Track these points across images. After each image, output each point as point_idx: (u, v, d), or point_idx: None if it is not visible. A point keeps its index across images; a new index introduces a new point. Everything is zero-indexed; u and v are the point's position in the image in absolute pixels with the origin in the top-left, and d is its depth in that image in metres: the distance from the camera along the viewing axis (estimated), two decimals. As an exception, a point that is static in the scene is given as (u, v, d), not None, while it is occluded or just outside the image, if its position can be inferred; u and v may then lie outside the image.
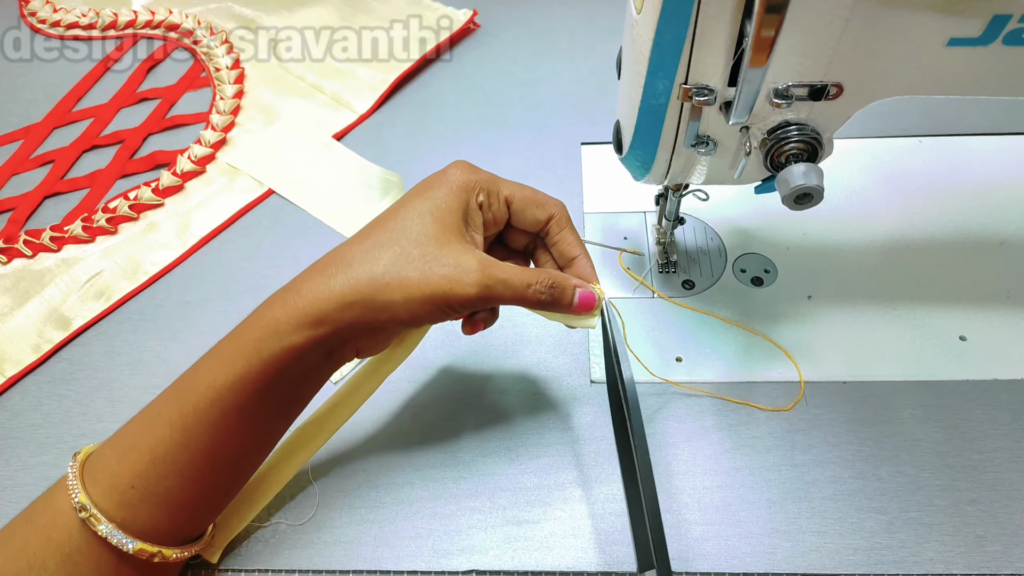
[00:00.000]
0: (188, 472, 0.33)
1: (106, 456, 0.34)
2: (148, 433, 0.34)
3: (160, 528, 0.34)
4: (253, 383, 0.33)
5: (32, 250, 0.56)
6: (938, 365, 0.45)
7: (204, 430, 0.33)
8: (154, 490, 0.33)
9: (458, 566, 0.39)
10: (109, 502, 0.33)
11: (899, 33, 0.32)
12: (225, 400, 0.33)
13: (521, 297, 0.34)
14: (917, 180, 0.56)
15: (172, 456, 0.33)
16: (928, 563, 0.38)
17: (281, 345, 0.32)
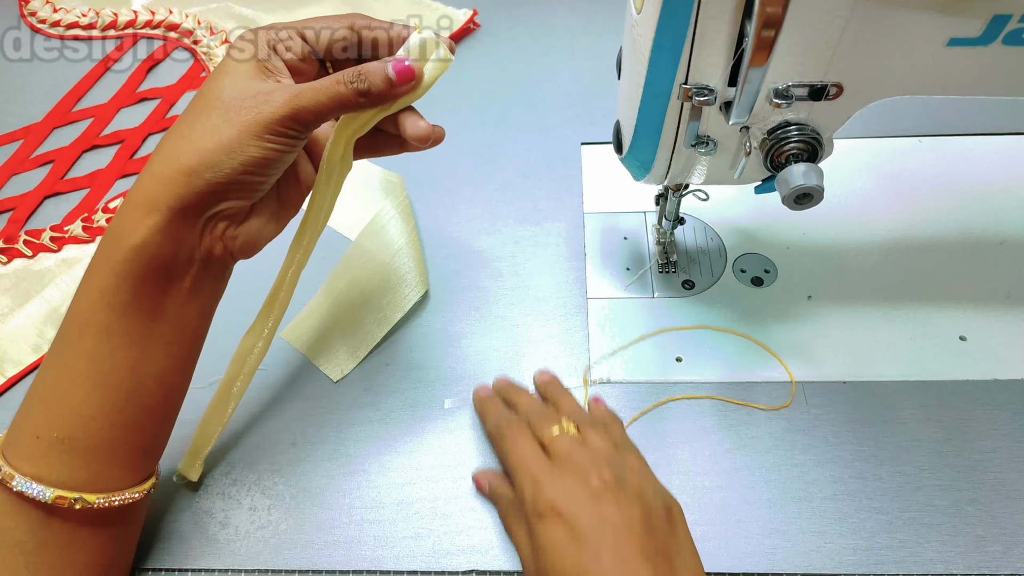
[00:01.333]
0: (84, 410, 0.33)
1: (15, 421, 0.34)
2: (40, 380, 0.34)
3: (78, 475, 0.33)
4: (117, 297, 0.32)
5: (32, 250, 0.56)
6: (938, 365, 0.45)
7: (83, 360, 0.33)
8: (57, 436, 0.33)
9: (458, 566, 0.39)
10: (20, 458, 0.33)
11: (899, 33, 0.32)
12: (95, 323, 0.32)
13: (336, 96, 0.32)
14: (917, 180, 0.56)
15: (64, 396, 0.33)
16: (928, 563, 0.38)
17: (130, 260, 0.32)
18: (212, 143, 0.31)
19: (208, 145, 0.31)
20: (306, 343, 0.49)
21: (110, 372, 0.33)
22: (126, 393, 0.34)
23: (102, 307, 0.32)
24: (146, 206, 0.32)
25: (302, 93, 0.32)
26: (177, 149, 0.32)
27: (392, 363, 0.48)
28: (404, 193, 0.56)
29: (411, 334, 0.49)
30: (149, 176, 0.32)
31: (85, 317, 0.33)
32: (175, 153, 0.32)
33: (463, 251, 0.54)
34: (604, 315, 0.49)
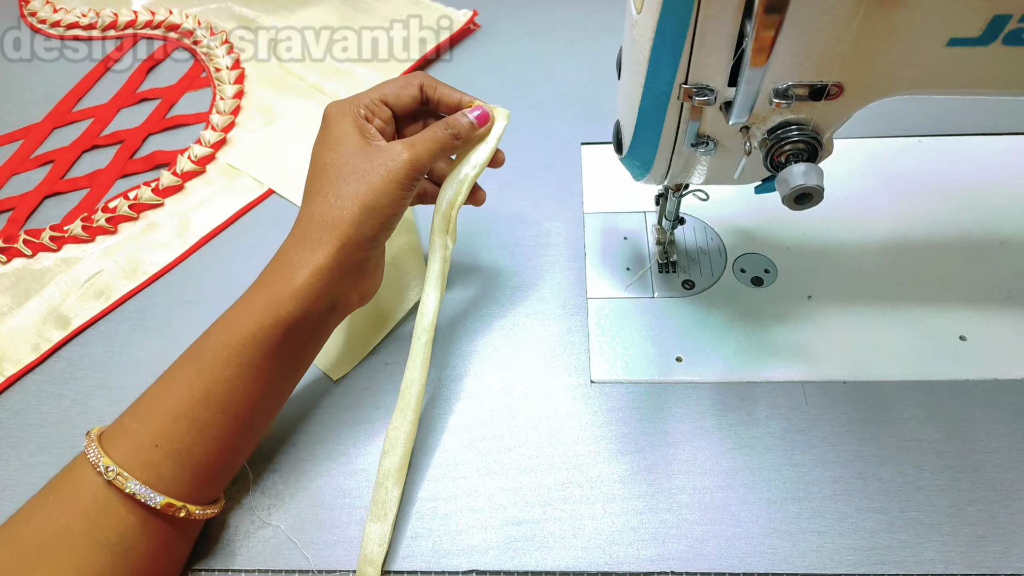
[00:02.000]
0: (208, 429, 0.36)
1: (124, 423, 0.36)
2: (169, 395, 0.36)
3: (182, 487, 0.35)
4: (267, 339, 0.36)
5: (32, 250, 0.56)
6: (938, 365, 0.45)
7: (222, 386, 0.36)
8: (177, 447, 0.35)
9: (458, 566, 0.39)
10: (133, 463, 0.34)
11: (899, 33, 0.32)
12: (242, 356, 0.36)
13: (442, 145, 0.40)
14: (917, 180, 0.56)
15: (193, 413, 0.35)
16: (928, 563, 0.38)
17: (288, 305, 0.36)
18: (358, 205, 0.37)
19: (355, 209, 0.37)
20: (306, 343, 0.49)
21: (240, 402, 0.36)
22: (244, 422, 0.37)
23: (254, 345, 0.36)
24: (308, 263, 0.37)
25: (416, 147, 0.39)
26: (330, 215, 0.37)
27: (392, 363, 0.48)
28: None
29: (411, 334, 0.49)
30: (306, 237, 0.37)
31: (235, 349, 0.36)
32: (329, 218, 0.37)
33: (463, 251, 0.54)
34: (604, 315, 0.49)
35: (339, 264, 0.37)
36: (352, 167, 0.38)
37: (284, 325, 0.36)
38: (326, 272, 0.37)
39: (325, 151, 0.39)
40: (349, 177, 0.38)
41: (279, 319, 0.36)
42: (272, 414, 0.40)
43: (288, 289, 0.36)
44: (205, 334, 0.38)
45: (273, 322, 0.36)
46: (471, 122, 0.41)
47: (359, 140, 0.39)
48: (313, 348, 0.40)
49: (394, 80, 0.42)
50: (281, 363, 0.38)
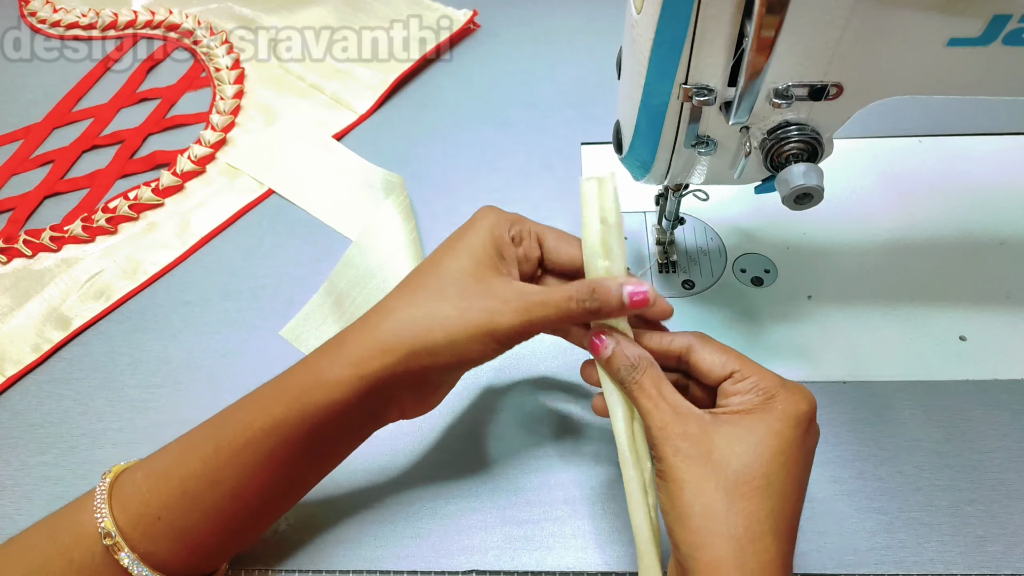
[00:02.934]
0: (214, 512, 0.33)
1: (137, 482, 0.34)
2: (181, 465, 0.33)
3: (178, 562, 0.34)
4: (291, 431, 0.32)
5: (32, 250, 0.56)
6: (938, 365, 0.45)
7: (235, 471, 0.33)
8: (180, 525, 0.33)
9: (458, 566, 0.39)
10: (135, 531, 0.32)
11: (899, 33, 0.32)
12: (260, 443, 0.33)
13: (566, 312, 0.32)
14: (917, 180, 0.56)
15: (202, 493, 0.33)
16: (928, 563, 0.38)
17: (323, 395, 0.32)
18: (442, 334, 0.32)
19: (438, 336, 0.32)
20: (306, 342, 0.49)
21: (252, 491, 0.33)
22: (254, 510, 0.35)
23: (275, 435, 0.33)
24: (358, 363, 0.32)
25: (533, 310, 0.32)
26: (408, 324, 0.32)
27: (392, 363, 0.48)
28: (405, 193, 0.56)
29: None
30: (370, 335, 0.33)
31: (254, 435, 0.33)
32: (404, 327, 0.32)
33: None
34: (604, 315, 0.49)
35: (392, 378, 0.32)
36: (461, 288, 0.32)
37: (311, 420, 0.32)
38: (373, 380, 0.32)
39: (448, 253, 0.34)
40: (452, 297, 0.32)
41: (307, 413, 0.32)
42: (288, 505, 0.37)
43: (326, 381, 0.32)
44: (235, 404, 0.34)
45: (300, 414, 0.32)
46: (621, 301, 0.31)
47: (489, 262, 0.33)
48: (346, 446, 0.36)
49: (561, 232, 0.36)
50: (303, 457, 0.34)
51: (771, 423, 0.30)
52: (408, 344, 0.32)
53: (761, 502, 0.29)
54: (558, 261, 0.36)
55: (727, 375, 0.33)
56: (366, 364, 0.32)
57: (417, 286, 0.34)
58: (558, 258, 0.36)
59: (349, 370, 0.32)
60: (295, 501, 0.37)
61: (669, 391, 0.32)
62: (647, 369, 0.32)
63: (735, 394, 0.32)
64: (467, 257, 0.33)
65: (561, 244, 0.36)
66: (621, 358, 0.33)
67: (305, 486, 0.37)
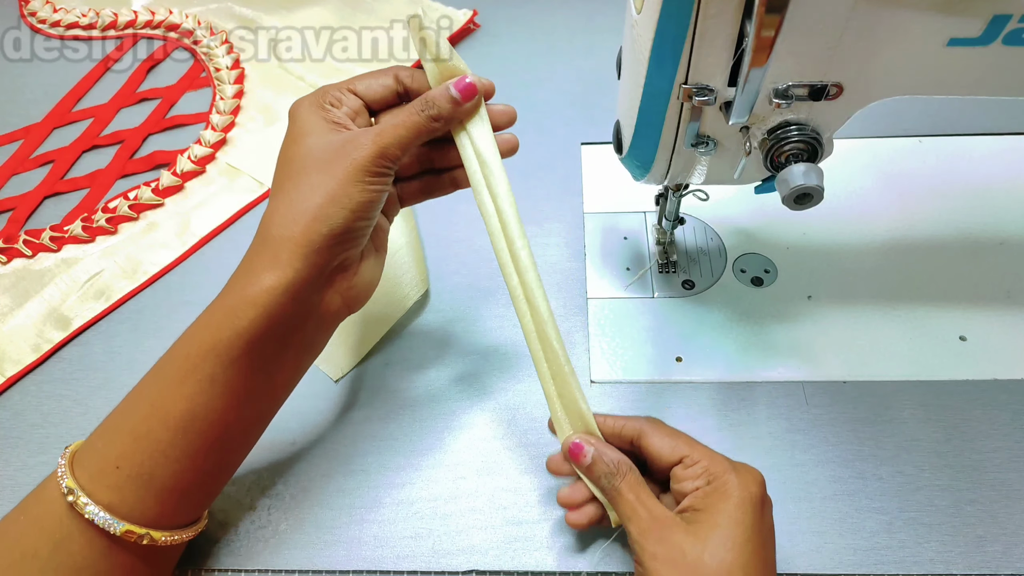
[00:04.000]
0: (169, 451, 0.33)
1: (92, 441, 0.34)
2: (132, 412, 0.34)
3: (148, 512, 0.33)
4: (227, 350, 0.33)
5: (32, 250, 0.56)
6: (938, 365, 0.45)
7: (181, 403, 0.33)
8: (139, 471, 0.33)
9: (458, 566, 0.39)
10: (97, 485, 0.33)
11: (899, 33, 0.32)
12: (200, 371, 0.33)
13: (416, 127, 0.35)
14: (917, 180, 0.56)
15: (154, 434, 0.33)
16: (928, 563, 0.38)
17: (253, 310, 0.33)
18: (321, 198, 0.33)
19: (318, 200, 0.33)
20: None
21: (203, 419, 0.34)
22: (212, 441, 0.34)
23: (212, 358, 0.33)
24: (270, 267, 0.33)
25: (384, 131, 0.34)
26: (290, 211, 0.33)
27: (392, 363, 0.48)
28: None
29: (411, 334, 0.49)
30: (267, 240, 0.34)
31: (193, 363, 0.33)
32: (289, 215, 0.33)
33: (463, 251, 0.54)
34: (604, 315, 0.49)
35: (307, 265, 0.33)
36: (315, 158, 0.34)
37: (246, 335, 0.33)
38: (291, 274, 0.33)
39: (288, 145, 0.35)
40: (311, 169, 0.34)
41: (239, 329, 0.33)
42: (249, 434, 0.37)
43: (249, 296, 0.33)
44: (171, 347, 0.35)
45: (233, 332, 0.33)
46: (453, 97, 0.35)
47: (324, 130, 0.35)
48: (290, 361, 0.36)
49: (367, 73, 0.38)
50: (248, 377, 0.34)
51: (732, 514, 0.32)
52: (302, 224, 0.33)
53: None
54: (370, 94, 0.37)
55: (677, 460, 0.35)
56: (279, 264, 0.33)
57: (280, 182, 0.35)
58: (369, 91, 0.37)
59: (267, 276, 0.33)
60: (257, 428, 0.37)
61: (646, 496, 0.34)
62: (626, 475, 0.35)
63: (686, 479, 0.34)
64: (303, 135, 0.35)
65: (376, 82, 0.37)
66: (601, 465, 0.35)
67: (261, 410, 0.37)
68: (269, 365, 0.35)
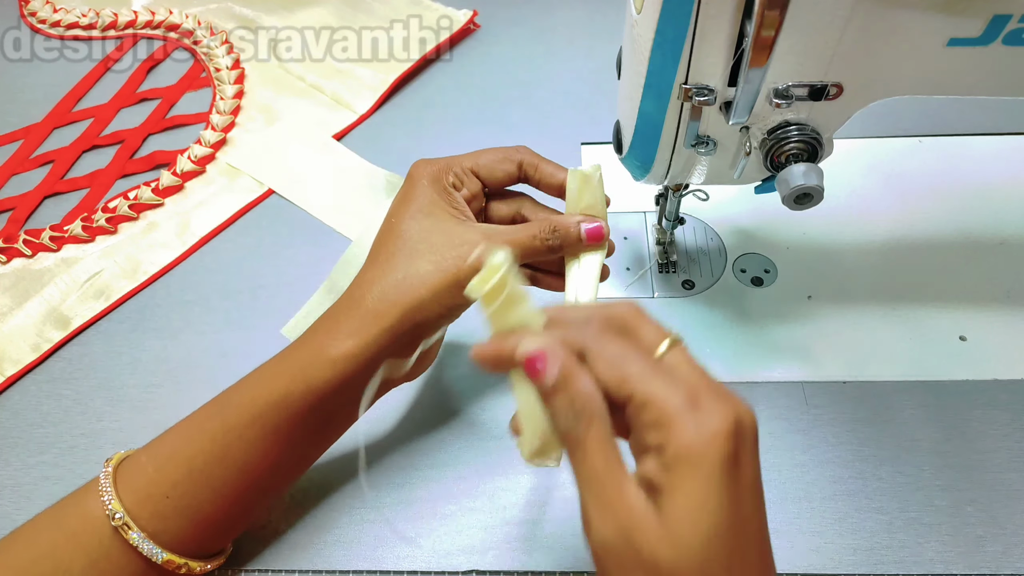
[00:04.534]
0: (222, 487, 0.34)
1: (142, 464, 0.34)
2: (188, 444, 0.34)
3: (187, 541, 0.34)
4: (297, 404, 0.34)
5: (32, 250, 0.56)
6: (938, 365, 0.45)
7: (243, 446, 0.34)
8: (188, 502, 0.33)
9: (458, 566, 0.39)
10: (143, 511, 0.33)
11: (899, 33, 0.32)
12: (267, 418, 0.34)
13: (531, 249, 0.35)
14: (917, 180, 0.56)
15: (209, 469, 0.34)
16: (928, 563, 0.38)
17: (327, 369, 0.34)
18: (425, 290, 0.34)
19: (421, 292, 0.34)
20: (306, 343, 0.49)
21: (259, 465, 0.34)
22: (261, 484, 0.36)
23: (280, 409, 0.34)
24: (355, 334, 0.34)
25: (500, 238, 0.35)
26: (391, 289, 0.34)
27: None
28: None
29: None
30: (358, 306, 0.34)
31: (260, 410, 0.34)
32: (388, 293, 0.34)
33: (463, 251, 0.54)
34: (604, 315, 0.49)
35: (390, 342, 0.34)
36: (428, 244, 0.34)
37: (318, 393, 0.34)
38: (374, 348, 0.34)
39: (405, 216, 0.35)
40: (422, 255, 0.34)
41: (312, 386, 0.34)
42: (293, 479, 0.39)
43: (328, 356, 0.33)
44: (237, 384, 0.35)
45: (306, 387, 0.34)
46: (579, 236, 0.36)
47: (443, 213, 0.35)
48: (347, 419, 0.37)
49: (491, 151, 0.38)
50: (308, 431, 0.35)
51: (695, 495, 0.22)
52: (399, 307, 0.34)
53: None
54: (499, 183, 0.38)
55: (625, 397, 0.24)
56: (364, 334, 0.34)
57: (388, 254, 0.35)
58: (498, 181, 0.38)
59: (349, 342, 0.34)
60: (300, 474, 0.39)
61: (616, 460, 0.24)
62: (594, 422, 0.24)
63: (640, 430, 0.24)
64: (423, 216, 0.35)
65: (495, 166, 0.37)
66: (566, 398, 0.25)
67: (309, 459, 0.38)
68: (330, 422, 0.36)
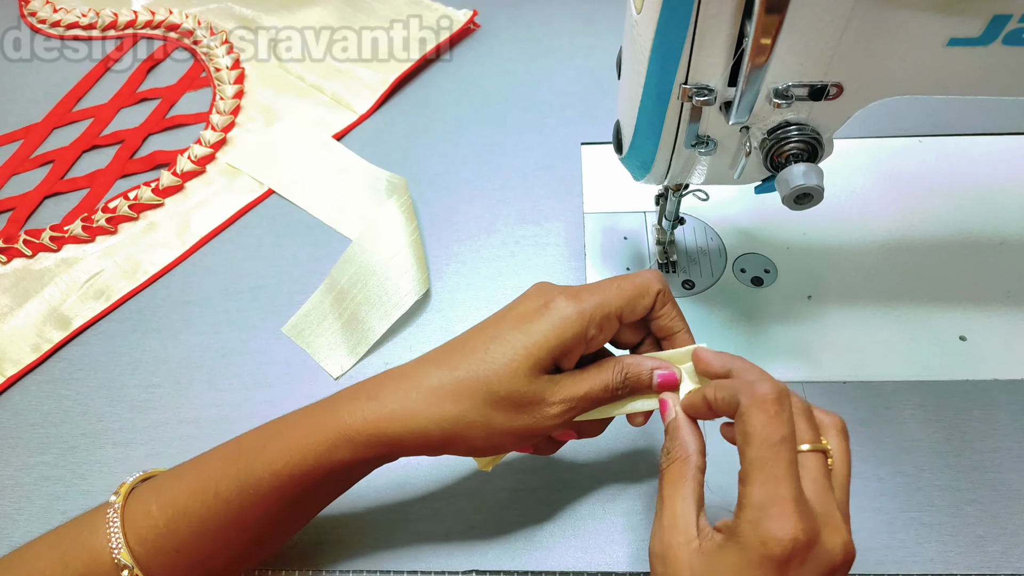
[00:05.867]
0: (234, 545, 0.34)
1: (153, 515, 0.33)
2: (201, 503, 0.33)
3: None
4: (319, 477, 0.33)
5: (32, 250, 0.56)
6: (938, 365, 0.45)
7: (258, 512, 0.33)
8: (199, 559, 0.33)
9: (458, 566, 0.39)
10: (152, 563, 0.32)
11: (899, 33, 0.32)
12: (287, 489, 0.33)
13: (600, 400, 0.33)
14: (917, 180, 0.56)
15: (223, 531, 0.33)
16: (928, 563, 0.38)
17: (350, 452, 0.32)
18: (481, 434, 0.32)
19: (478, 433, 0.32)
20: (307, 339, 0.49)
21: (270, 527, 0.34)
22: (271, 543, 0.36)
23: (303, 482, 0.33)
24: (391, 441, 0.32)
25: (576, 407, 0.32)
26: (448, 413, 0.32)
27: (392, 361, 0.48)
28: (408, 195, 0.56)
29: (411, 332, 0.50)
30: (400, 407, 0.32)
31: (281, 482, 0.33)
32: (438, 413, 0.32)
33: (463, 251, 0.54)
34: (604, 315, 0.49)
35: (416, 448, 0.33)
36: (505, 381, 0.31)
37: (338, 469, 0.33)
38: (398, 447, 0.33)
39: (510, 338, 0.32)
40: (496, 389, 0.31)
41: (335, 463, 0.32)
42: (291, 535, 0.38)
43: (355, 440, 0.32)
44: (258, 438, 0.34)
45: (330, 464, 0.32)
46: (649, 384, 0.33)
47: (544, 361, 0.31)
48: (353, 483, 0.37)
49: (629, 287, 0.33)
50: (325, 496, 0.36)
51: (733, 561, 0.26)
52: (447, 436, 0.32)
53: None
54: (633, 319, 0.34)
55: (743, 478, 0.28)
56: (393, 431, 0.32)
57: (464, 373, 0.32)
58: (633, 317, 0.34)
59: (380, 441, 0.32)
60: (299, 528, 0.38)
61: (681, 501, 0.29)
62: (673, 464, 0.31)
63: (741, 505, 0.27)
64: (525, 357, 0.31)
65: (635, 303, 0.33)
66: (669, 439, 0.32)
67: (312, 516, 0.38)
68: (345, 487, 0.36)
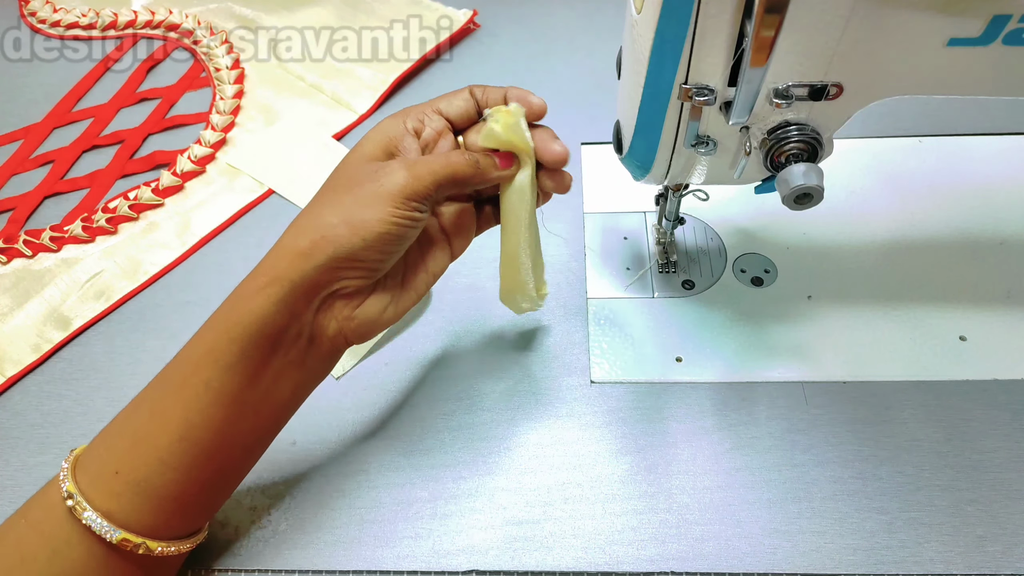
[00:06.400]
0: (168, 458, 0.33)
1: (95, 446, 0.34)
2: (132, 418, 0.34)
3: (146, 520, 0.33)
4: (222, 355, 0.33)
5: (32, 250, 0.56)
6: (938, 365, 0.45)
7: (179, 409, 0.33)
8: (136, 477, 0.33)
9: (458, 566, 0.39)
10: (96, 491, 0.33)
11: (899, 33, 0.32)
12: (197, 375, 0.33)
13: (454, 172, 0.34)
14: (917, 180, 0.56)
15: (152, 439, 0.33)
16: (928, 563, 0.38)
17: (244, 310, 0.33)
18: (337, 218, 0.33)
19: (333, 220, 0.33)
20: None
21: (200, 427, 0.33)
22: (210, 452, 0.34)
23: (208, 363, 0.33)
24: (270, 276, 0.33)
25: (417, 167, 0.34)
26: (307, 224, 0.33)
27: (392, 362, 0.48)
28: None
29: (411, 333, 0.50)
30: (279, 248, 0.34)
31: (192, 367, 0.33)
32: (305, 228, 0.33)
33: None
34: (604, 315, 0.49)
35: (303, 280, 0.33)
36: (349, 176, 0.34)
37: (240, 341, 0.33)
38: (287, 286, 0.32)
39: (347, 158, 0.35)
40: (340, 188, 0.34)
41: (234, 334, 0.33)
42: (248, 449, 0.37)
43: (245, 301, 0.33)
44: (179, 353, 0.34)
45: (227, 337, 0.33)
46: (492, 162, 0.36)
47: (376, 151, 0.35)
48: (286, 377, 0.35)
49: (448, 93, 0.38)
50: (242, 387, 0.34)
51: None
52: (317, 246, 0.32)
53: None
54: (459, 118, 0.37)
55: None
56: (283, 276, 0.33)
57: (314, 200, 0.34)
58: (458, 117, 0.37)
59: (270, 284, 0.33)
60: (258, 447, 0.37)
61: None
62: None
63: None
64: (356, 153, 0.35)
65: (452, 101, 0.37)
66: None
67: (258, 425, 0.36)
68: (262, 375, 0.34)
